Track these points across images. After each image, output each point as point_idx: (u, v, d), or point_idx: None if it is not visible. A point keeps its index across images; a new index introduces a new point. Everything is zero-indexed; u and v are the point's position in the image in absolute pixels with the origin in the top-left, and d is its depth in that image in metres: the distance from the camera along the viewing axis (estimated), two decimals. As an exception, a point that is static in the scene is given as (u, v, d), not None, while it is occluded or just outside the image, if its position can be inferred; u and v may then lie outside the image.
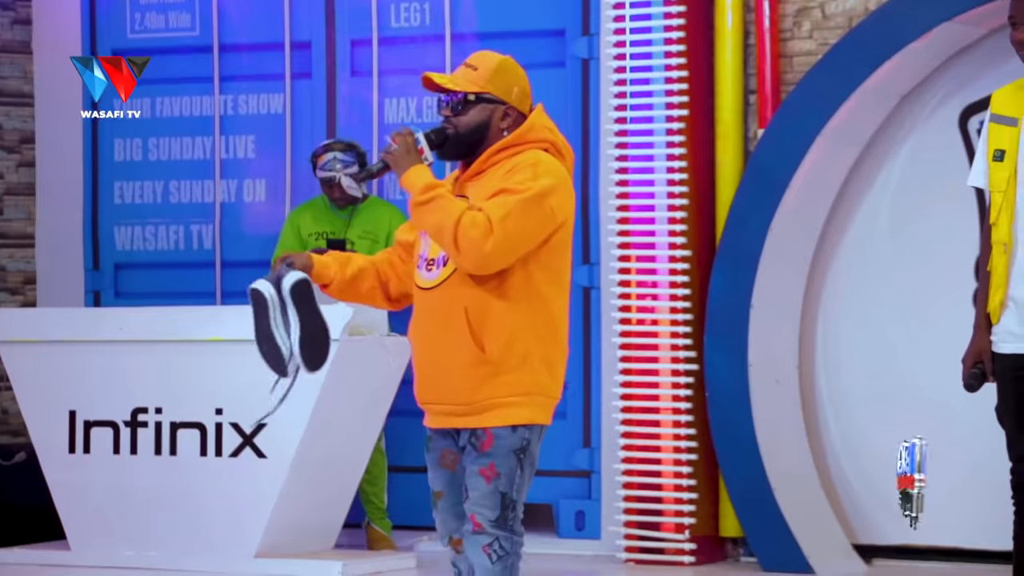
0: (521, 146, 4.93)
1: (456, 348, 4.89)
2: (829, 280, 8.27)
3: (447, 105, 4.97)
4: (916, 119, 8.06)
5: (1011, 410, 5.31)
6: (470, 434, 4.91)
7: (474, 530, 4.88)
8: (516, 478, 4.89)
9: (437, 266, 4.94)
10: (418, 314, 4.99)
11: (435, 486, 5.05)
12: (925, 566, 8.01)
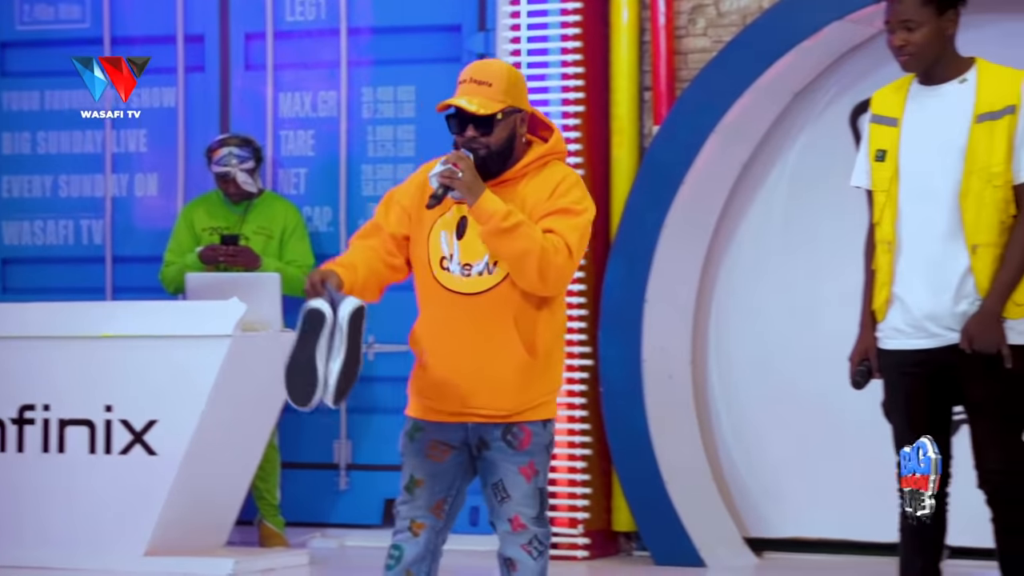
0: (551, 156, 5.00)
1: (506, 353, 4.96)
2: (722, 276, 8.35)
3: (471, 125, 4.90)
4: (808, 116, 8.17)
5: (898, 406, 5.37)
6: (504, 430, 4.99)
7: (515, 529, 5.00)
8: (546, 472, 5.05)
9: (480, 272, 4.97)
10: (446, 316, 4.98)
11: (416, 474, 5.05)
12: (813, 558, 8.11)
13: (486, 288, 4.96)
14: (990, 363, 5.21)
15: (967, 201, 5.23)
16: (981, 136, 5.23)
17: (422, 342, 5.06)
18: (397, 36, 8.85)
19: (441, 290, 4.99)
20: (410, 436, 5.09)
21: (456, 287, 4.98)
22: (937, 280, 5.27)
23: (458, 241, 4.99)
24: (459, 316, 4.98)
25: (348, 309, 4.81)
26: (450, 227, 5.00)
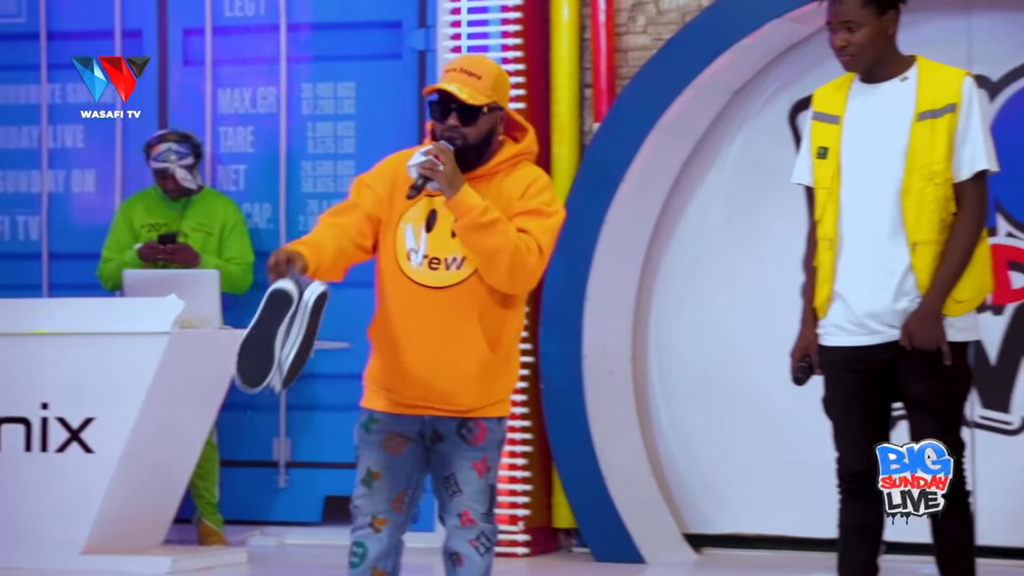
0: (523, 156, 5.05)
1: (469, 348, 4.99)
2: (662, 273, 8.38)
3: (458, 114, 4.92)
4: (747, 114, 8.22)
5: (838, 402, 5.39)
6: (459, 425, 5.02)
7: (464, 524, 5.03)
8: (497, 470, 5.09)
9: (449, 267, 4.98)
10: (411, 308, 4.99)
11: (373, 467, 5.06)
12: (753, 554, 8.16)
13: (453, 283, 4.99)
14: (930, 360, 5.23)
15: (908, 199, 5.25)
16: (922, 134, 5.25)
17: (384, 333, 5.06)
18: (337, 32, 8.86)
19: (407, 282, 5.01)
20: (366, 428, 5.09)
21: (423, 280, 4.99)
22: (878, 277, 5.29)
23: (426, 234, 5.00)
24: (424, 309, 5.00)
25: (313, 294, 4.78)
26: (419, 220, 5.02)
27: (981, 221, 5.31)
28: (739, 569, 7.93)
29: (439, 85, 4.96)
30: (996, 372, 7.91)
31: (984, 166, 5.27)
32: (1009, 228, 7.91)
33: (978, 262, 5.29)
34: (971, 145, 5.27)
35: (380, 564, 5.09)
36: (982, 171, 5.27)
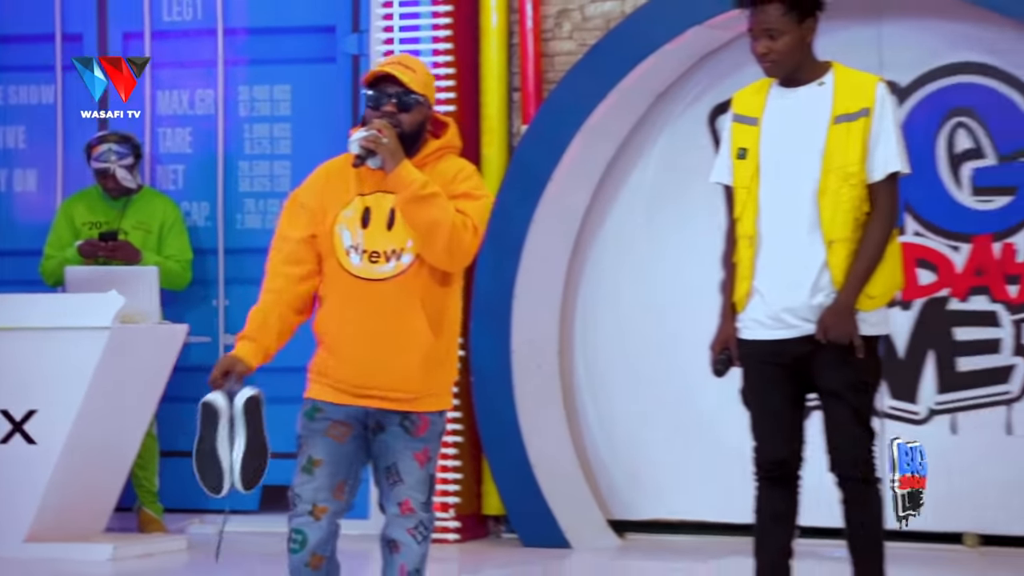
0: (447, 149, 5.09)
1: (413, 336, 5.00)
2: (588, 270, 8.40)
3: (395, 102, 4.96)
4: (669, 116, 8.23)
5: (755, 393, 5.43)
6: (402, 417, 5.03)
7: (404, 513, 5.04)
8: (436, 461, 5.10)
9: (387, 259, 5.00)
10: (354, 302, 5.01)
11: (315, 455, 5.05)
12: (673, 539, 8.18)
13: (394, 274, 5.00)
14: (843, 353, 5.27)
15: (824, 199, 5.29)
16: (838, 137, 5.29)
17: (329, 327, 5.07)
18: (272, 36, 8.84)
19: (349, 277, 5.02)
20: (310, 417, 5.08)
21: (363, 274, 5.01)
22: (795, 274, 5.33)
23: (363, 230, 5.01)
24: (367, 301, 5.01)
25: (242, 399, 4.91)
26: (355, 219, 5.03)
27: (893, 220, 5.36)
28: (660, 553, 7.95)
29: (381, 68, 5.01)
30: (904, 365, 7.95)
31: (896, 168, 5.32)
32: (917, 227, 7.94)
33: (889, 260, 5.35)
34: (884, 148, 5.31)
35: (319, 550, 5.09)
36: (894, 173, 5.33)
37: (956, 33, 7.81)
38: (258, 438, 4.95)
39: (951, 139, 7.88)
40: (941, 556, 7.72)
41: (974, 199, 7.86)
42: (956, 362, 7.92)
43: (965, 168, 7.87)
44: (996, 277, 7.86)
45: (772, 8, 5.31)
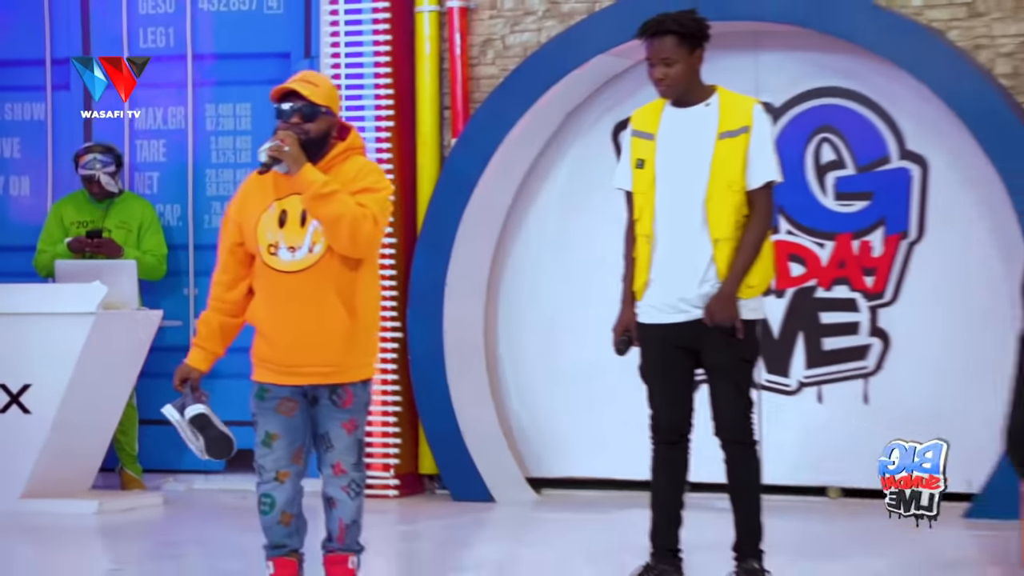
0: (351, 151, 5.09)
1: (331, 318, 5.00)
2: (510, 263, 8.38)
3: (298, 113, 4.97)
4: (578, 131, 8.23)
5: (652, 369, 5.46)
6: (331, 391, 5.04)
7: (336, 474, 5.07)
8: (364, 426, 5.13)
9: (303, 253, 5.00)
10: (277, 292, 5.01)
11: (271, 430, 5.07)
12: (582, 493, 8.18)
13: (309, 265, 4.99)
14: (727, 335, 5.33)
15: (711, 204, 5.33)
16: (723, 150, 5.32)
17: (260, 316, 5.07)
18: (235, 61, 8.79)
19: (271, 271, 5.01)
20: (259, 397, 5.10)
21: (283, 267, 5.00)
22: (686, 267, 5.37)
23: (281, 229, 5.00)
24: (289, 291, 5.01)
25: (189, 415, 5.07)
26: (273, 220, 5.02)
27: (768, 222, 5.39)
28: (571, 506, 7.95)
29: (288, 85, 5.01)
30: (778, 344, 7.94)
31: (772, 178, 5.36)
32: (789, 227, 7.93)
33: (765, 256, 5.37)
34: (761, 160, 5.34)
35: (287, 509, 5.12)
36: (770, 181, 5.36)
37: (821, 62, 7.81)
38: (213, 433, 5.05)
39: (817, 152, 7.89)
40: (809, 506, 7.73)
41: (837, 203, 7.87)
42: (822, 342, 7.91)
43: (829, 177, 7.88)
44: (855, 270, 7.85)
45: (668, 40, 5.34)
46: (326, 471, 5.11)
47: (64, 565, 6.43)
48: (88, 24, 9.03)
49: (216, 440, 5.06)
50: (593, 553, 6.58)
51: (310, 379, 5.05)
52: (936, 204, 7.72)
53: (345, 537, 5.13)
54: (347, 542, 5.14)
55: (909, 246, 7.78)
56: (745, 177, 5.34)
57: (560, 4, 8.17)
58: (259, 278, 5.07)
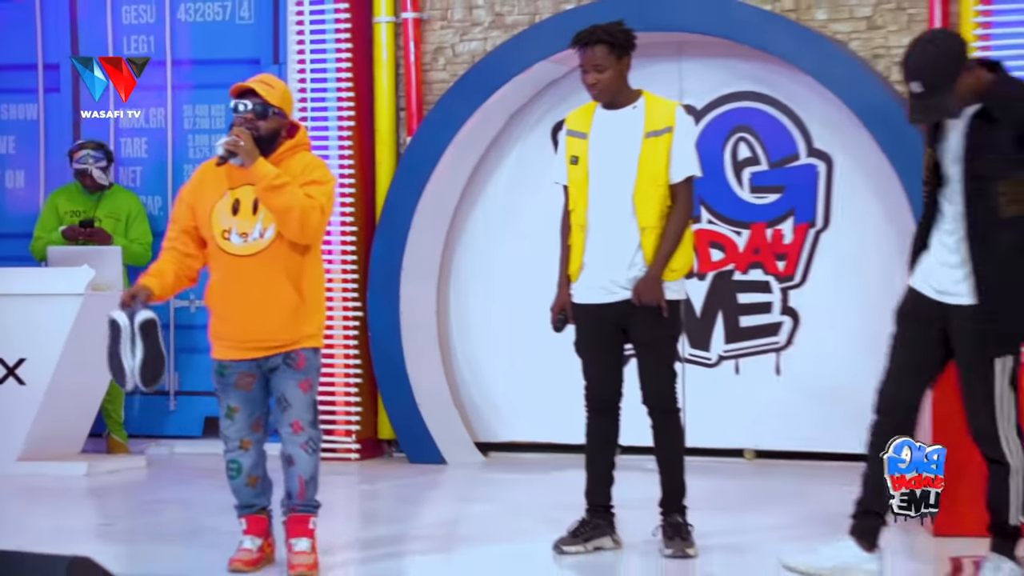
0: (299, 147, 5.08)
1: (280, 298, 4.99)
2: (459, 249, 8.37)
3: (252, 111, 4.96)
4: (522, 131, 8.22)
5: (587, 345, 5.48)
6: (285, 357, 5.00)
7: (296, 432, 5.01)
8: (317, 389, 5.10)
9: (254, 238, 4.98)
10: (231, 274, 4.99)
11: (231, 403, 5.06)
12: (524, 456, 8.18)
13: (260, 250, 4.99)
14: (652, 313, 5.35)
15: (638, 196, 5.34)
16: (649, 148, 5.34)
17: (216, 297, 5.06)
18: (210, 66, 8.73)
19: (225, 255, 5.00)
20: (220, 374, 5.09)
21: (237, 251, 4.99)
22: (616, 253, 5.39)
23: (235, 217, 4.99)
24: (242, 273, 5.00)
25: (140, 319, 4.86)
26: (227, 208, 5.02)
27: (689, 212, 5.42)
28: (515, 467, 7.96)
29: (245, 83, 5.01)
30: (700, 322, 7.98)
31: (692, 172, 5.38)
32: (710, 217, 7.94)
33: (686, 242, 5.40)
34: (683, 157, 5.36)
35: (253, 472, 5.13)
36: (690, 176, 5.38)
37: (738, 69, 7.83)
38: (154, 348, 4.89)
39: (734, 150, 7.89)
40: (726, 467, 7.75)
41: (752, 196, 7.88)
42: (739, 320, 7.93)
43: (745, 172, 7.89)
44: (768, 255, 7.87)
45: (599, 48, 5.35)
46: (285, 430, 5.06)
47: (58, 521, 6.40)
48: (76, 33, 8.95)
49: (154, 358, 4.90)
50: (534, 509, 6.59)
51: (265, 352, 5.04)
52: (840, 196, 7.76)
53: (305, 493, 5.10)
54: (307, 498, 5.11)
55: (816, 234, 7.81)
56: (668, 172, 5.35)
57: (504, 16, 8.18)
58: (214, 261, 5.06)
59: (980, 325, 4.63)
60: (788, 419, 7.84)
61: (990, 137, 4.56)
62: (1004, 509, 4.67)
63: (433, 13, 8.26)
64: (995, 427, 4.63)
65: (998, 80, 4.61)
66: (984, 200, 4.56)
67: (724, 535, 5.78)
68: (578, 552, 5.44)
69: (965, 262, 4.64)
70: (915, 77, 4.51)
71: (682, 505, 5.49)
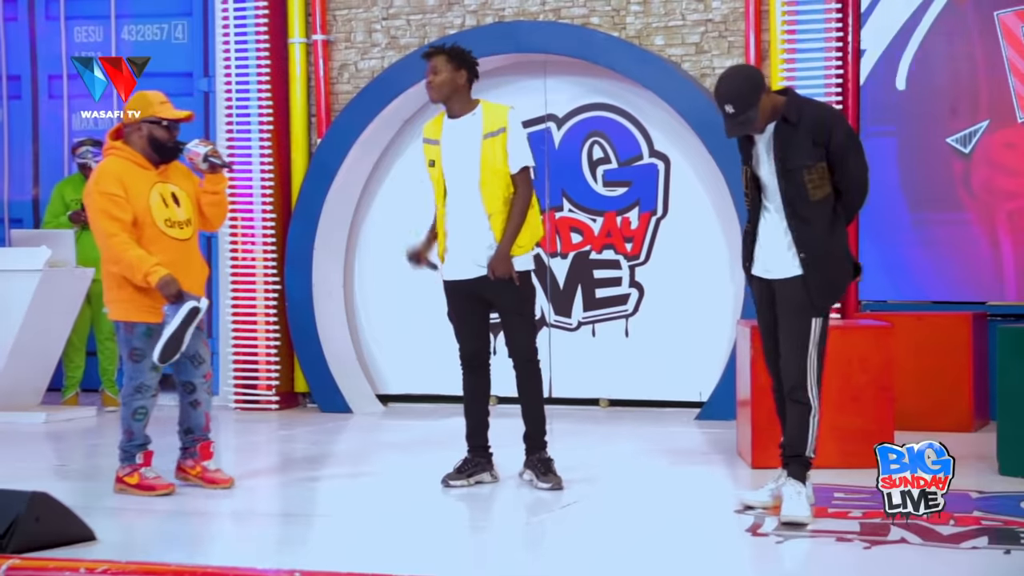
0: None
1: (202, 269, 5.26)
2: (362, 232, 8.34)
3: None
4: (412, 136, 8.11)
5: (456, 312, 5.46)
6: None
7: (207, 379, 5.25)
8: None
9: (184, 226, 5.18)
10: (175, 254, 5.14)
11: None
12: (417, 406, 8.18)
13: (190, 235, 5.22)
14: (507, 284, 5.36)
15: (483, 188, 5.34)
16: (488, 148, 5.33)
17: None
18: (151, 78, 8.60)
19: (169, 239, 5.14)
20: (148, 335, 5.19)
21: (178, 236, 5.15)
22: (471, 236, 5.38)
23: (177, 208, 5.16)
24: (181, 252, 5.18)
25: (204, 306, 5.05)
26: (160, 200, 5.14)
27: (528, 197, 5.34)
28: (410, 415, 7.89)
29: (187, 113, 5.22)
30: (563, 293, 7.97)
31: (526, 163, 5.36)
32: (571, 207, 7.92)
33: (530, 222, 5.39)
34: (517, 151, 5.34)
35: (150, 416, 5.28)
36: (525, 166, 5.36)
37: (592, 84, 7.84)
38: (179, 335, 4.99)
39: (590, 151, 7.90)
40: (583, 414, 7.74)
41: (605, 189, 7.88)
42: (595, 292, 7.95)
43: (599, 169, 7.89)
44: (618, 238, 7.88)
45: (439, 58, 5.37)
46: (198, 380, 5.22)
47: (21, 462, 6.36)
48: (36, 49, 8.83)
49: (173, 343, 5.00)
50: (426, 448, 6.57)
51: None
52: (676, 190, 7.80)
53: (209, 425, 5.32)
54: (210, 428, 5.35)
55: (657, 221, 7.85)
56: (507, 165, 5.31)
57: (399, 39, 8.18)
58: (156, 244, 5.12)
59: (802, 290, 4.72)
60: (635, 373, 7.91)
61: (791, 137, 4.73)
62: (804, 443, 4.80)
63: (339, 35, 8.23)
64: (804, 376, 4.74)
65: (789, 99, 4.81)
66: (795, 188, 4.70)
67: (583, 468, 5.80)
68: (462, 485, 5.45)
69: (791, 243, 4.75)
70: (727, 101, 4.66)
71: (543, 440, 5.47)
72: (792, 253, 4.76)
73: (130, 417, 5.21)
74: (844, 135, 4.73)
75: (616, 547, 4.44)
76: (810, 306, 4.73)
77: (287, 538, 4.67)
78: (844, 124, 4.78)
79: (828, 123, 4.72)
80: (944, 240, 7.23)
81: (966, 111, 7.21)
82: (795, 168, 4.70)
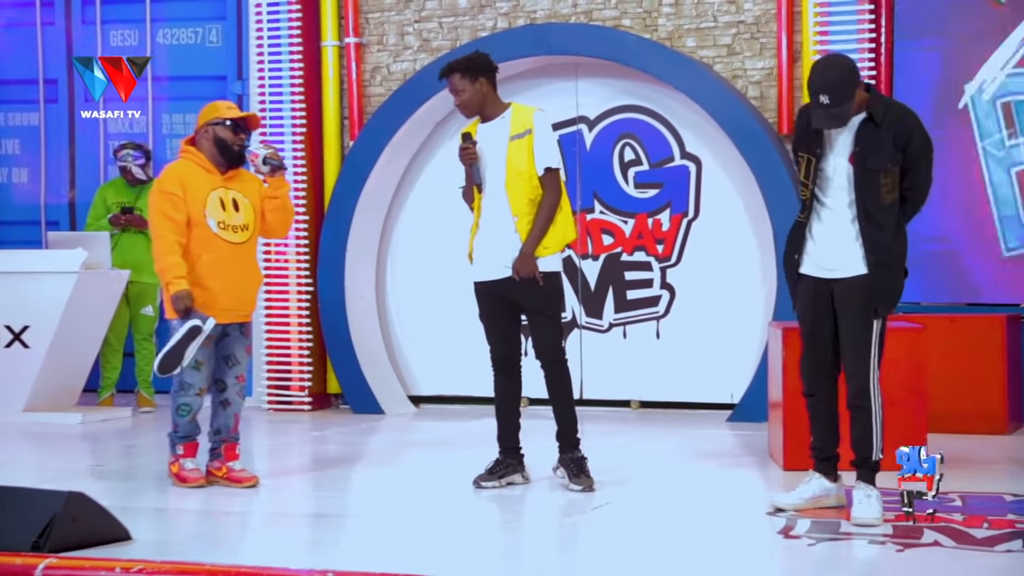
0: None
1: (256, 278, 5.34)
2: (394, 235, 8.36)
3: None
4: (445, 137, 8.15)
5: (488, 314, 5.44)
6: (240, 326, 5.28)
7: (239, 381, 5.30)
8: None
9: (240, 230, 5.23)
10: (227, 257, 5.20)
11: (200, 358, 5.21)
12: (449, 407, 8.18)
13: (246, 239, 5.25)
14: (532, 284, 5.34)
15: (509, 189, 5.35)
16: (514, 150, 5.33)
17: (206, 272, 5.22)
18: (185, 81, 8.74)
19: (224, 242, 5.20)
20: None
21: (233, 240, 5.21)
22: (498, 238, 5.39)
23: (237, 212, 5.22)
24: (233, 256, 5.22)
25: (208, 326, 5.09)
26: (218, 204, 5.19)
27: (555, 199, 5.31)
28: (442, 416, 7.91)
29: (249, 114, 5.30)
30: (594, 295, 7.96)
31: (551, 164, 5.34)
32: (602, 208, 7.91)
33: (558, 223, 5.36)
34: (543, 152, 5.33)
35: (197, 413, 5.35)
36: (550, 168, 5.33)
37: (624, 86, 7.84)
38: (179, 350, 5.07)
39: (622, 153, 7.90)
40: (615, 415, 7.76)
41: (636, 191, 7.88)
42: (626, 293, 7.94)
43: (630, 171, 7.89)
44: (650, 240, 7.88)
45: (454, 76, 5.37)
46: (231, 381, 5.30)
47: (57, 463, 6.42)
48: (71, 53, 8.89)
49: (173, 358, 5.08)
50: (457, 449, 6.60)
51: (236, 319, 5.25)
52: (708, 191, 7.79)
53: (238, 427, 5.39)
54: (238, 431, 5.41)
55: (688, 223, 7.84)
56: (534, 166, 5.31)
57: (431, 41, 8.19)
58: (207, 244, 5.17)
59: (867, 292, 4.66)
60: (667, 375, 7.91)
61: (874, 137, 4.66)
62: (870, 447, 4.76)
63: (371, 38, 8.25)
64: (868, 380, 4.71)
65: (873, 97, 4.72)
66: (872, 189, 4.64)
67: (615, 470, 5.79)
68: (494, 487, 5.46)
69: (855, 240, 4.68)
70: (823, 91, 4.55)
71: (576, 438, 5.45)
72: (856, 251, 4.68)
73: (175, 412, 5.37)
74: (922, 141, 4.68)
75: (648, 549, 4.44)
76: (872, 309, 4.68)
77: (320, 538, 4.69)
78: (923, 130, 4.73)
79: (910, 127, 4.67)
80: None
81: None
82: (875, 169, 4.63)
